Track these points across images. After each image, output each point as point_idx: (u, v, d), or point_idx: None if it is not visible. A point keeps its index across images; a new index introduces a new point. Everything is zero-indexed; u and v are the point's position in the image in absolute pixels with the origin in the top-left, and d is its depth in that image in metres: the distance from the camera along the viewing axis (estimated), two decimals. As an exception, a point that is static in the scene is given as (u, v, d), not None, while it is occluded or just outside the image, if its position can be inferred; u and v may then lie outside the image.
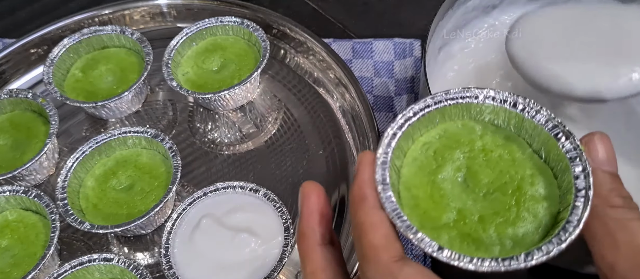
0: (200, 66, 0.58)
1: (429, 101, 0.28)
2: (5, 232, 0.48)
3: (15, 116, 0.56)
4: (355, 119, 0.56)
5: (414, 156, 0.28)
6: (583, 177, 0.25)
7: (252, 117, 0.58)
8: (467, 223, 0.26)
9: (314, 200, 0.28)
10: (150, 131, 0.52)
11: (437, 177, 0.27)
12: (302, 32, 0.61)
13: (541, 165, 0.27)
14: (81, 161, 0.50)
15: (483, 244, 0.25)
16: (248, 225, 0.46)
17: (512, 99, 0.27)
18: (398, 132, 0.27)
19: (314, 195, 0.28)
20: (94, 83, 0.58)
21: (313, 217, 0.27)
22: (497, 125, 0.28)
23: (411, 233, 0.25)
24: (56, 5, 0.70)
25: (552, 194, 0.26)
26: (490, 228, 0.26)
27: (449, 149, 0.28)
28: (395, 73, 0.60)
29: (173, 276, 0.44)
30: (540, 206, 0.26)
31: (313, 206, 0.27)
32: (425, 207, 0.27)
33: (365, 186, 0.26)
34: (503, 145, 0.28)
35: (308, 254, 0.27)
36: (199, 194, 0.48)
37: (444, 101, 0.28)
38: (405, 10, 0.67)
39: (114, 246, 0.51)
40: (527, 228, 0.26)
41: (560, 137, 0.26)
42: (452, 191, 0.27)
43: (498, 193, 0.27)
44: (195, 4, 0.65)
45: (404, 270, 0.23)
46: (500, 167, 0.27)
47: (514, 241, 0.25)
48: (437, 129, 0.29)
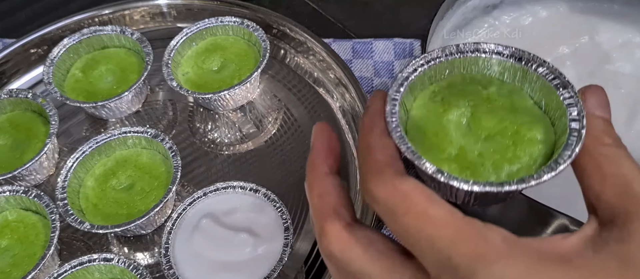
0: (200, 66, 0.58)
1: (440, 53, 0.30)
2: (5, 232, 0.48)
3: (15, 116, 0.56)
4: (355, 119, 0.56)
5: (423, 100, 0.30)
6: (578, 120, 0.27)
7: (252, 117, 0.58)
8: (467, 158, 0.28)
9: (326, 136, 0.30)
10: (150, 131, 0.52)
11: (443, 120, 0.29)
12: (302, 32, 0.61)
13: (540, 114, 0.29)
14: (81, 161, 0.50)
15: (480, 175, 0.27)
16: (248, 225, 0.46)
17: (518, 54, 0.29)
18: (411, 76, 0.29)
19: (325, 131, 0.30)
20: (94, 83, 0.58)
21: (323, 149, 0.30)
22: (503, 78, 0.30)
23: (415, 157, 0.26)
24: (56, 5, 0.70)
25: (548, 139, 0.28)
26: (488, 162, 0.28)
27: (456, 97, 0.30)
28: (395, 73, 0.60)
29: (173, 276, 0.44)
30: (536, 148, 0.28)
31: (324, 139, 0.30)
32: (430, 143, 0.29)
33: (376, 116, 0.28)
34: (506, 96, 0.30)
35: (316, 181, 0.29)
36: (199, 194, 0.48)
37: (454, 53, 0.30)
38: (405, 10, 0.67)
39: (114, 246, 0.51)
40: (522, 165, 0.27)
41: (559, 87, 0.28)
42: (456, 132, 0.29)
43: (498, 136, 0.28)
44: (195, 4, 0.65)
45: (405, 182, 0.24)
46: (501, 114, 0.29)
47: (509, 175, 0.27)
48: (446, 79, 0.31)
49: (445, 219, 0.23)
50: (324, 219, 0.27)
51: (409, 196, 0.24)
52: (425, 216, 0.23)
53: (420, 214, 0.24)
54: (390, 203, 0.24)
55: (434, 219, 0.23)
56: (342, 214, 0.27)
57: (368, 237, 0.26)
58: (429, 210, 0.23)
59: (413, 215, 0.24)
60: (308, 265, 0.48)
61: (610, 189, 0.24)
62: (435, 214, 0.23)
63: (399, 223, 0.24)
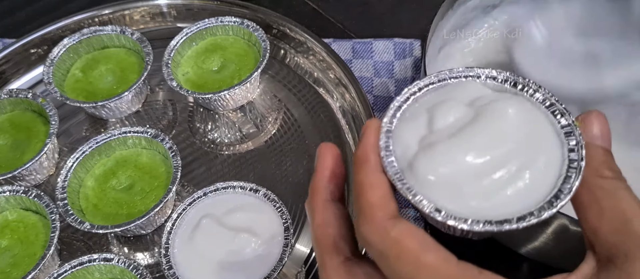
0: (200, 66, 0.58)
1: (433, 78, 0.29)
2: (5, 232, 0.48)
3: (15, 116, 0.56)
4: (355, 119, 0.56)
5: None
6: (577, 150, 0.26)
7: (252, 117, 0.58)
8: None
9: (329, 159, 0.29)
10: (150, 131, 0.52)
11: None
12: (302, 32, 0.61)
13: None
14: (81, 161, 0.50)
15: None
16: (248, 225, 0.46)
17: (513, 79, 0.29)
18: (403, 105, 0.29)
19: (329, 154, 0.29)
20: (94, 83, 0.58)
21: (326, 174, 0.29)
22: None
23: (410, 195, 0.26)
24: (56, 5, 0.70)
25: None
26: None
27: None
28: (395, 73, 0.60)
29: (173, 276, 0.44)
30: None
31: (327, 164, 0.29)
32: None
33: (369, 150, 0.27)
34: None
35: (318, 208, 0.28)
36: (199, 194, 0.48)
37: (447, 79, 0.29)
38: (405, 10, 0.67)
39: (114, 246, 0.51)
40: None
41: (557, 115, 0.27)
42: None
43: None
44: (195, 4, 0.65)
45: (396, 227, 0.24)
46: None
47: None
48: None
49: (439, 266, 0.23)
50: (323, 252, 0.27)
51: (401, 242, 0.24)
52: (418, 263, 0.23)
53: (412, 262, 0.23)
54: (382, 248, 0.24)
55: (427, 266, 0.23)
56: (341, 248, 0.27)
57: (366, 273, 0.26)
58: (421, 257, 0.23)
59: (405, 262, 0.23)
60: (308, 265, 0.48)
61: (608, 225, 0.24)
62: (428, 262, 0.23)
63: (391, 268, 0.24)
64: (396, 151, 0.27)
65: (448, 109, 0.28)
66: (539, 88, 0.28)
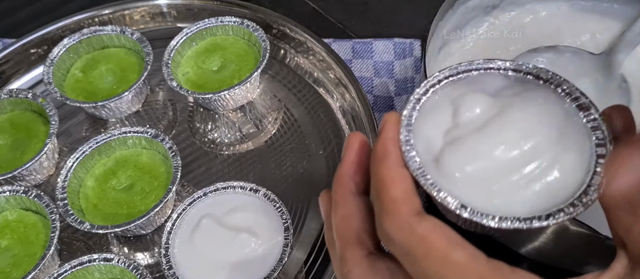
0: (200, 66, 0.58)
1: (453, 70, 0.28)
2: (5, 232, 0.48)
3: (15, 116, 0.56)
4: (355, 119, 0.56)
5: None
6: (605, 144, 0.25)
7: (252, 117, 0.58)
8: None
9: (356, 149, 0.28)
10: (150, 131, 0.52)
11: None
12: (302, 32, 0.61)
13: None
14: (81, 161, 0.50)
15: None
16: (248, 225, 0.46)
17: (536, 71, 0.28)
18: (423, 97, 0.28)
19: (357, 144, 0.28)
20: (94, 83, 0.58)
21: (352, 166, 0.28)
22: None
23: (435, 191, 0.25)
24: (56, 5, 0.70)
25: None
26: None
27: None
28: (395, 73, 0.60)
29: (173, 276, 0.44)
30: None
31: (353, 155, 0.28)
32: None
33: (389, 143, 0.26)
34: None
35: (342, 200, 0.27)
36: (199, 194, 0.48)
37: (468, 71, 0.28)
38: (405, 10, 0.67)
39: (114, 246, 0.51)
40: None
41: (583, 108, 0.26)
42: None
43: None
44: (195, 4, 0.65)
45: (422, 223, 0.23)
46: None
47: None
48: None
49: (468, 264, 0.22)
50: (345, 245, 0.26)
51: (428, 239, 0.23)
52: (446, 261, 0.22)
53: (441, 259, 0.22)
54: (408, 246, 0.23)
55: (456, 264, 0.22)
56: (364, 241, 0.26)
57: (389, 269, 0.25)
58: (450, 255, 0.22)
59: (433, 259, 0.22)
60: (308, 265, 0.48)
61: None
62: (457, 259, 0.22)
63: (417, 266, 0.23)
64: (417, 145, 0.26)
65: (474, 101, 0.27)
66: (563, 80, 0.27)
